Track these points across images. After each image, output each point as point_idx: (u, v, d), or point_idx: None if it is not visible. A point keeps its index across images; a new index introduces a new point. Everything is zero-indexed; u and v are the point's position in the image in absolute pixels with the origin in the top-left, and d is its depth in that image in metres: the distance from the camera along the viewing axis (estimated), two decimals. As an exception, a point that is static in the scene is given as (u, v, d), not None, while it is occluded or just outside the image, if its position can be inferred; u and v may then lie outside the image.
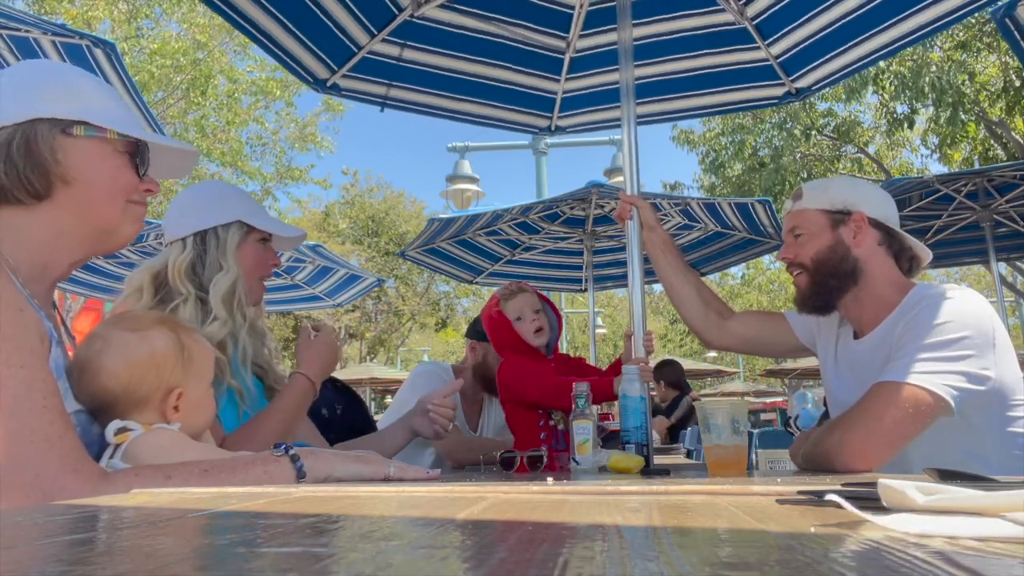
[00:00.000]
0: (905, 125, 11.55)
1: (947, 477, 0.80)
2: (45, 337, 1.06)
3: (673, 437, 5.92)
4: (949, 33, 10.61)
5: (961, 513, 0.53)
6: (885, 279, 1.75)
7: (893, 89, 10.76)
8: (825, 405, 2.15)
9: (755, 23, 2.86)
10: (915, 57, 10.57)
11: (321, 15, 2.57)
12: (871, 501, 0.59)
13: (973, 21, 10.11)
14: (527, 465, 1.93)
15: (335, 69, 2.84)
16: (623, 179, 2.31)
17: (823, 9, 2.69)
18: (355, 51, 2.81)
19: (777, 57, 2.96)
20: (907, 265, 1.81)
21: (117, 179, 1.22)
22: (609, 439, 3.88)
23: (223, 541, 0.53)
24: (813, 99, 11.97)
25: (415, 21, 2.80)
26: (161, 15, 13.68)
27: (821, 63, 2.92)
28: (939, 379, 1.48)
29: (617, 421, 2.53)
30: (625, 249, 2.21)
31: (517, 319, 2.14)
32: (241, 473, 1.11)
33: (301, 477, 1.15)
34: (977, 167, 10.15)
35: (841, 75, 2.96)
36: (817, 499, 0.69)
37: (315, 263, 6.20)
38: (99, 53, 3.30)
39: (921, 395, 1.47)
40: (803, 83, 3.04)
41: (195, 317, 1.56)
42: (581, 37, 3.02)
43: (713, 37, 2.95)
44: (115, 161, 1.22)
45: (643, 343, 2.06)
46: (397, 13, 2.77)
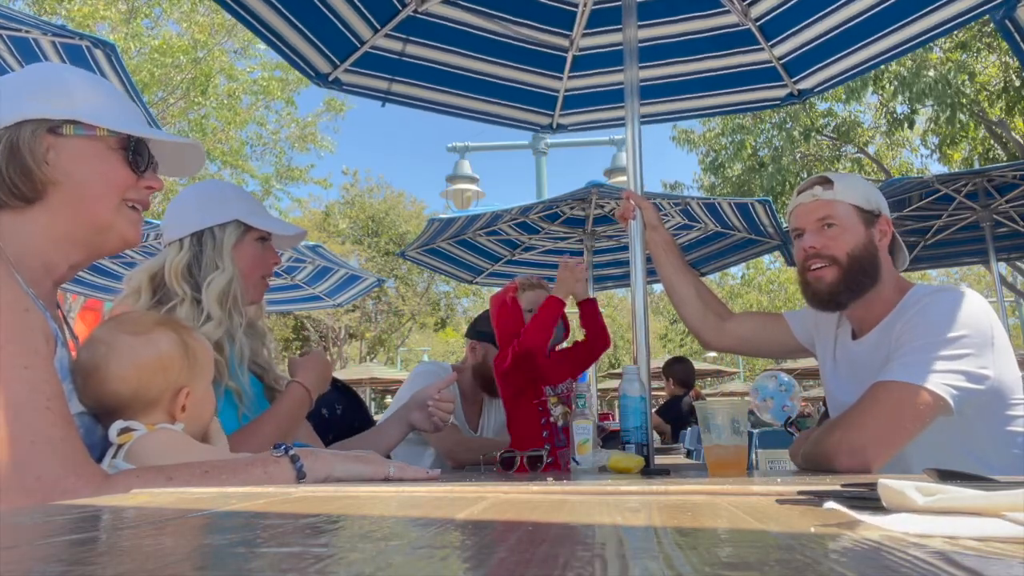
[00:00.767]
0: (905, 125, 11.55)
1: (947, 477, 0.80)
2: (50, 337, 1.06)
3: (673, 437, 5.92)
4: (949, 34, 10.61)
5: (961, 513, 0.53)
6: (891, 280, 1.77)
7: (892, 89, 10.75)
8: (825, 405, 2.16)
9: (759, 24, 2.86)
10: (915, 57, 10.57)
11: (324, 9, 2.57)
12: (871, 501, 0.59)
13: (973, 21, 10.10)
14: (527, 465, 1.92)
15: (337, 63, 2.84)
16: (626, 178, 2.31)
17: (828, 12, 2.69)
18: (358, 46, 2.81)
19: (780, 58, 2.96)
20: (898, 261, 1.84)
21: (109, 176, 1.20)
22: (609, 439, 3.88)
23: (223, 541, 0.53)
24: (813, 99, 11.96)
25: (418, 16, 2.80)
26: (161, 15, 13.67)
27: (824, 65, 2.93)
28: (938, 378, 1.48)
29: (617, 421, 2.53)
30: (626, 249, 2.21)
31: (529, 311, 2.12)
32: (242, 474, 1.11)
33: (301, 477, 1.15)
34: (977, 167, 10.17)
35: (844, 78, 2.96)
36: (817, 499, 0.69)
37: (315, 263, 6.20)
38: (99, 53, 3.30)
39: (920, 395, 1.47)
40: (806, 85, 3.04)
41: (191, 318, 1.55)
42: (584, 36, 3.02)
43: (717, 40, 2.95)
44: (107, 158, 1.20)
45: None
46: (400, 8, 2.77)
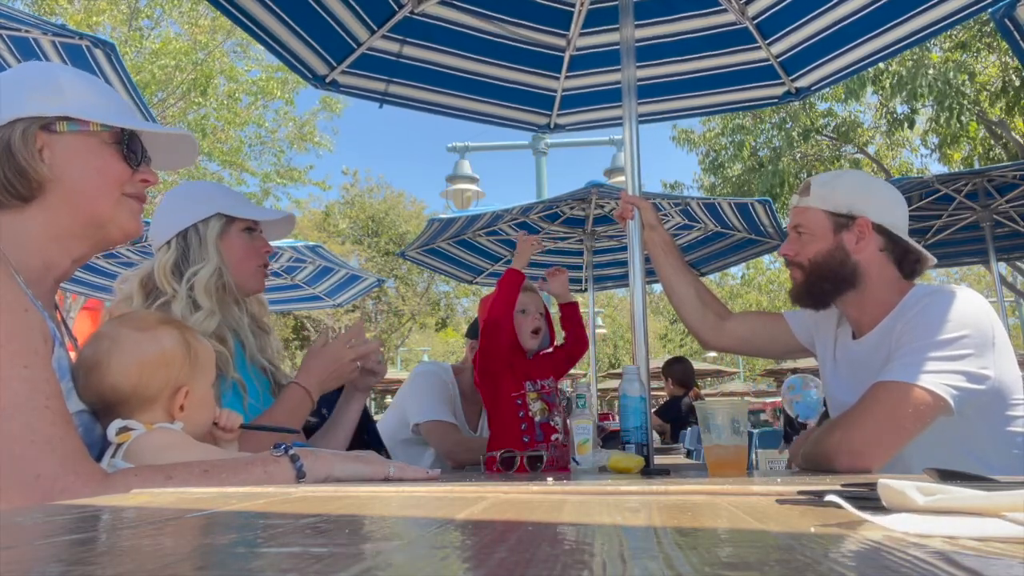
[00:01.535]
0: (905, 125, 11.55)
1: (947, 477, 0.80)
2: (48, 338, 1.06)
3: (673, 437, 5.92)
4: (949, 33, 10.61)
5: (961, 513, 0.53)
6: (884, 283, 1.74)
7: (891, 88, 10.75)
8: (825, 405, 2.16)
9: (756, 22, 2.86)
10: (915, 57, 10.57)
11: (321, 11, 2.57)
12: (871, 501, 0.59)
13: (973, 21, 10.11)
14: (527, 465, 1.92)
15: (334, 65, 2.84)
16: (624, 179, 2.31)
17: (825, 9, 2.69)
18: (354, 47, 2.81)
19: (778, 56, 2.96)
20: (910, 269, 1.78)
21: (105, 171, 1.21)
22: (609, 439, 3.89)
23: (223, 541, 0.53)
24: (813, 99, 11.98)
25: (415, 17, 2.80)
26: (161, 16, 13.67)
27: (821, 63, 2.93)
28: (939, 379, 1.48)
29: (617, 421, 2.53)
30: (625, 249, 2.21)
31: (521, 311, 2.06)
32: (241, 474, 1.11)
33: (301, 477, 1.15)
34: (977, 167, 10.17)
35: (841, 75, 2.96)
36: (817, 499, 0.69)
37: (315, 263, 6.20)
38: (99, 53, 3.30)
39: (921, 395, 1.47)
40: (803, 83, 3.04)
41: (184, 313, 1.55)
42: (581, 35, 3.02)
43: (714, 39, 2.95)
44: (102, 153, 1.21)
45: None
46: (397, 9, 2.77)
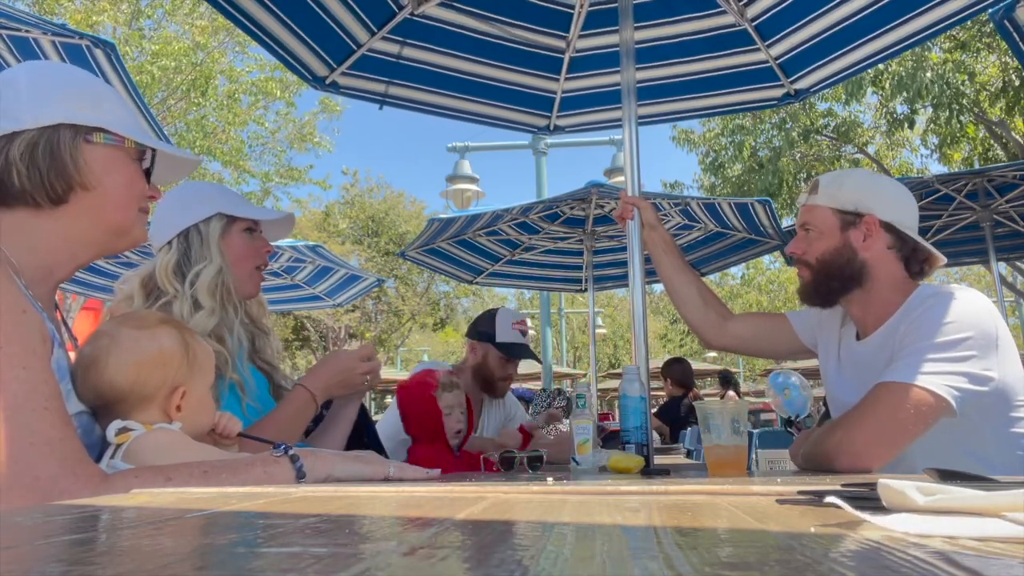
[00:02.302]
0: (905, 125, 11.55)
1: (947, 477, 0.80)
2: (47, 339, 1.07)
3: (672, 438, 5.92)
4: (949, 33, 10.61)
5: (961, 513, 0.53)
6: (891, 282, 1.74)
7: (891, 89, 10.75)
8: (825, 405, 2.15)
9: (755, 24, 2.86)
10: (914, 57, 10.57)
11: (321, 12, 2.57)
12: (871, 501, 0.59)
13: (972, 21, 10.11)
14: (501, 465, 2.16)
15: (334, 67, 2.84)
16: (624, 179, 2.31)
17: (824, 11, 2.69)
18: (354, 49, 2.81)
19: (777, 58, 2.96)
20: (918, 268, 1.77)
21: (132, 186, 1.26)
22: (609, 439, 3.88)
23: (223, 541, 0.53)
24: (813, 100, 11.97)
25: (415, 19, 2.80)
26: (163, 17, 13.66)
27: (820, 65, 2.93)
28: (941, 380, 1.48)
29: (617, 421, 2.53)
30: (625, 249, 2.21)
31: (447, 413, 2.28)
32: (242, 474, 1.12)
33: (301, 477, 1.16)
34: (977, 167, 10.17)
35: (840, 77, 2.96)
36: (817, 499, 0.69)
37: (315, 263, 6.20)
38: (99, 53, 3.30)
39: (923, 396, 1.46)
40: (802, 84, 3.04)
41: (186, 313, 1.56)
42: (581, 37, 3.02)
43: (713, 41, 2.95)
44: (130, 168, 1.26)
45: None
46: (397, 11, 2.77)
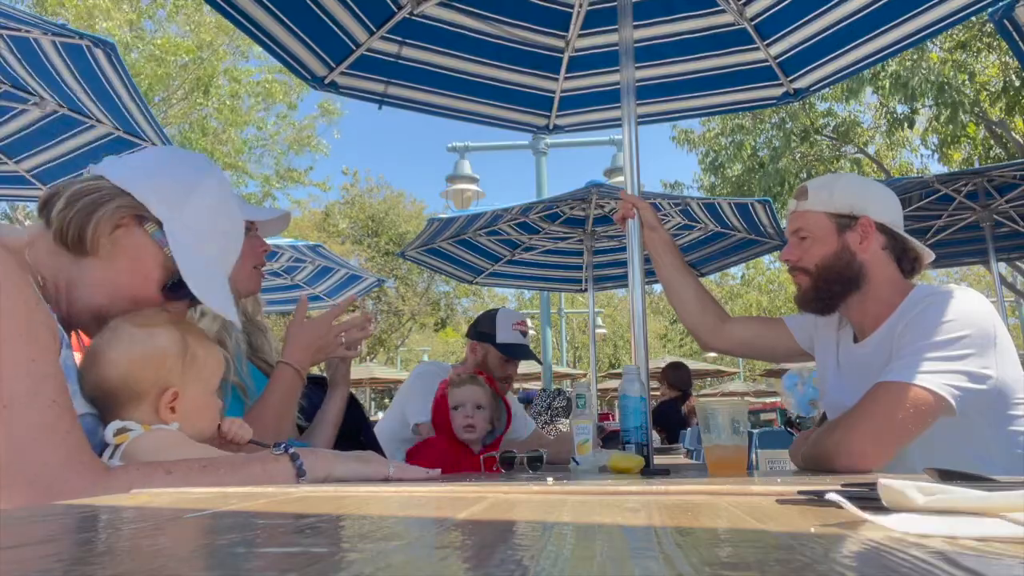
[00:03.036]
0: (905, 125, 11.55)
1: (947, 477, 0.80)
2: (57, 337, 1.07)
3: (672, 437, 5.92)
4: (949, 33, 10.62)
5: (961, 513, 0.53)
6: (887, 282, 1.74)
7: (890, 87, 10.75)
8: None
9: (754, 23, 2.86)
10: (914, 57, 10.57)
11: (320, 12, 2.57)
12: (871, 501, 0.59)
13: (973, 21, 10.11)
14: (501, 465, 2.13)
15: (333, 66, 2.84)
16: (623, 179, 2.31)
17: (823, 11, 2.69)
18: (353, 48, 2.81)
19: (776, 58, 2.96)
20: (909, 267, 1.78)
21: (151, 278, 1.24)
22: (609, 439, 3.88)
23: (223, 541, 0.53)
24: (813, 99, 11.97)
25: (414, 19, 2.80)
26: (164, 17, 13.67)
27: (820, 64, 2.93)
28: (940, 379, 1.48)
29: (617, 421, 2.53)
30: (625, 249, 2.21)
31: (455, 408, 2.25)
32: (242, 471, 1.12)
33: (301, 476, 1.16)
34: (977, 167, 10.16)
35: (839, 76, 2.96)
36: (817, 499, 0.69)
37: (315, 263, 6.21)
38: (99, 53, 3.29)
39: (922, 395, 1.47)
40: (801, 84, 3.04)
41: (189, 316, 1.56)
42: (580, 36, 3.02)
43: (712, 39, 2.95)
44: (150, 270, 1.23)
45: None
46: (396, 10, 2.77)
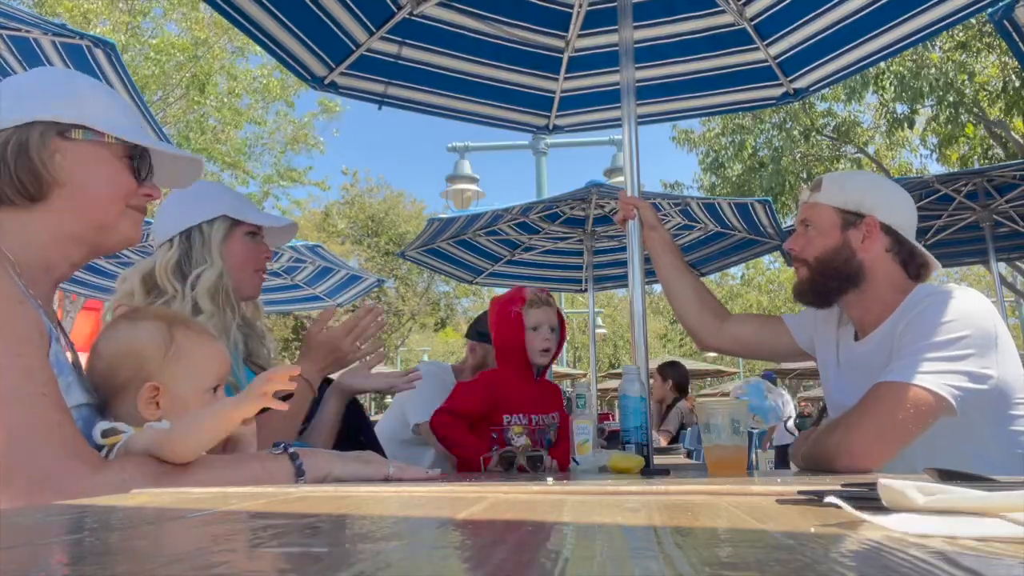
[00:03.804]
0: (905, 125, 11.55)
1: (947, 477, 0.80)
2: (44, 333, 1.07)
3: (672, 437, 5.92)
4: (949, 33, 10.61)
5: (961, 513, 0.53)
6: (889, 283, 1.74)
7: (893, 90, 10.75)
8: (823, 403, 2.16)
9: (754, 23, 2.86)
10: (915, 57, 10.57)
11: (319, 12, 2.56)
12: (871, 501, 0.59)
13: (973, 21, 10.11)
14: (527, 466, 1.92)
15: (333, 67, 2.84)
16: (623, 179, 2.31)
17: (823, 11, 2.69)
18: (353, 49, 2.81)
19: (776, 58, 2.96)
20: (915, 272, 1.77)
21: (114, 183, 1.23)
22: (609, 439, 3.88)
23: (223, 541, 0.53)
24: (813, 99, 11.97)
25: (414, 19, 2.80)
26: (162, 15, 13.66)
27: (819, 64, 2.93)
28: (941, 379, 1.47)
29: (617, 421, 2.53)
30: (625, 249, 2.21)
31: (534, 328, 2.03)
32: (241, 469, 1.12)
33: (300, 476, 1.15)
34: (977, 167, 10.17)
35: (839, 76, 2.96)
36: (817, 499, 0.69)
37: (315, 263, 6.20)
38: (99, 53, 3.29)
39: (923, 395, 1.46)
40: (801, 84, 3.04)
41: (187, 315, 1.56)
42: (580, 37, 3.02)
43: (712, 40, 2.95)
44: (113, 165, 1.23)
45: None
46: (396, 11, 2.76)
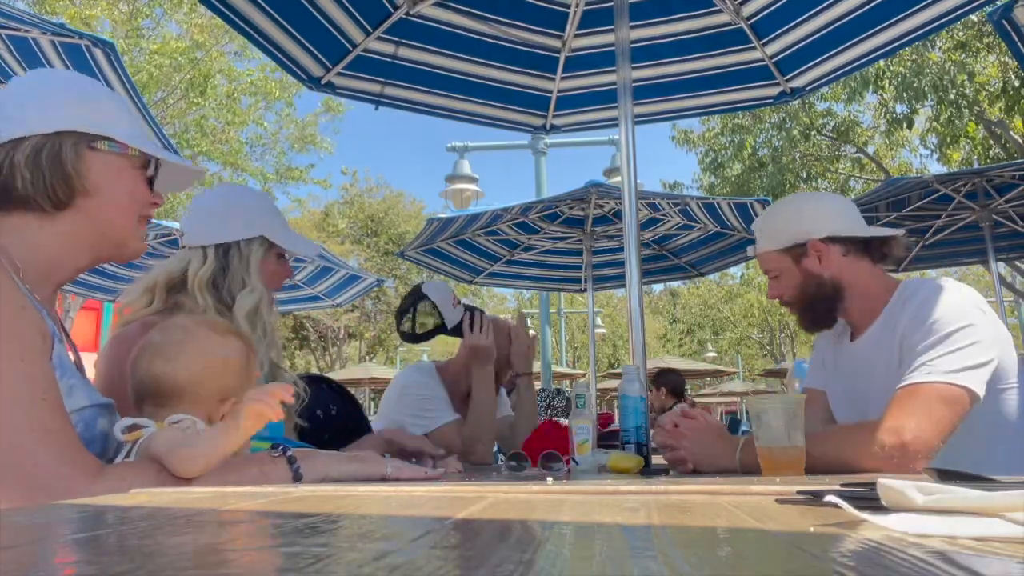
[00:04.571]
0: (904, 125, 11.55)
1: (946, 477, 0.80)
2: (47, 336, 1.07)
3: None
4: (948, 33, 10.61)
5: (960, 513, 0.53)
6: (867, 280, 1.77)
7: (894, 90, 10.74)
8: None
9: (751, 23, 2.87)
10: (915, 57, 10.57)
11: (316, 13, 2.57)
12: (870, 501, 0.59)
13: (972, 21, 10.11)
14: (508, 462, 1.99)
15: (329, 67, 2.84)
16: (621, 179, 2.31)
17: (819, 10, 2.70)
18: (350, 49, 2.81)
19: (772, 57, 2.97)
20: (880, 255, 1.78)
21: (134, 193, 1.27)
22: (609, 439, 3.88)
23: (223, 541, 0.53)
24: (812, 99, 11.97)
25: (410, 19, 2.80)
26: (162, 16, 13.66)
27: (816, 63, 2.94)
28: (964, 374, 1.49)
29: (617, 421, 2.53)
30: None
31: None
32: (238, 471, 1.12)
33: (297, 479, 1.15)
34: (976, 167, 10.16)
35: (836, 75, 2.97)
36: (817, 499, 0.69)
37: (315, 263, 6.20)
38: (98, 53, 3.29)
39: (952, 391, 1.48)
40: (798, 83, 3.05)
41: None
42: (577, 36, 3.02)
43: (708, 39, 2.96)
44: (133, 176, 1.27)
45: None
46: (392, 11, 2.77)
